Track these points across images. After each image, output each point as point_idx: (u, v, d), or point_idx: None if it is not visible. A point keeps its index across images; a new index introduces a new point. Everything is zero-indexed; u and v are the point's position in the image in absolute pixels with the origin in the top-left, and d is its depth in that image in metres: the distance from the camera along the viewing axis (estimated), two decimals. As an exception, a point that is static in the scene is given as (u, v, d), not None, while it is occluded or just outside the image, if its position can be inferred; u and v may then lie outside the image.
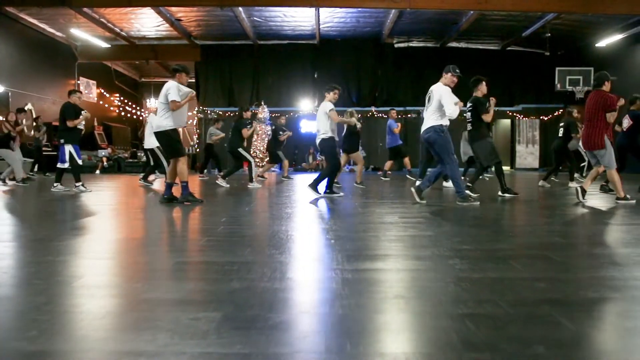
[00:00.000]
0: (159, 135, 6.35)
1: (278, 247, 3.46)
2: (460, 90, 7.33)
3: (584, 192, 6.47)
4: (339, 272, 2.74)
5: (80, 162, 8.53)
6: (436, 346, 1.74)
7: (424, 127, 6.33)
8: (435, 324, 1.95)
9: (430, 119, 6.21)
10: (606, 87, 6.30)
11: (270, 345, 1.72)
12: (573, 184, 9.52)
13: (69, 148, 8.33)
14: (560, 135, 9.88)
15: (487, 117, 7.21)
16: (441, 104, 6.08)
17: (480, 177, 7.96)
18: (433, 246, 3.55)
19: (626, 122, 8.15)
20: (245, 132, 9.97)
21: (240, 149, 9.87)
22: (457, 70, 6.24)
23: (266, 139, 17.46)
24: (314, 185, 7.14)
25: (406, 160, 12.52)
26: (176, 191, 6.56)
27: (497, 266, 2.93)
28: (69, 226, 4.68)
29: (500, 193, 7.29)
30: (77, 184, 8.38)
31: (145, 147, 10.80)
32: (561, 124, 9.96)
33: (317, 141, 7.28)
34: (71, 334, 1.86)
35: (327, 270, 2.82)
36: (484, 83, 7.39)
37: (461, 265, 2.89)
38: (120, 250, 3.59)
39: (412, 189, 6.49)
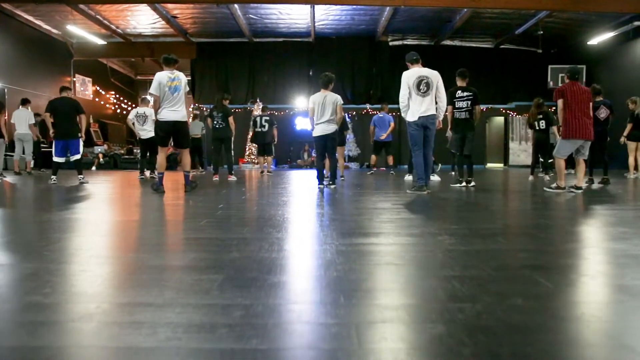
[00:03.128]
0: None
1: (275, 227, 3.60)
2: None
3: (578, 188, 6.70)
4: (333, 245, 2.88)
5: (57, 159, 8.70)
6: (423, 299, 1.88)
7: (428, 112, 6.37)
8: (423, 284, 2.09)
9: (432, 105, 6.39)
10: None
11: (269, 298, 1.86)
12: (547, 177, 9.84)
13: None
14: (543, 127, 10.02)
15: None
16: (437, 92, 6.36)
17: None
18: (424, 226, 3.70)
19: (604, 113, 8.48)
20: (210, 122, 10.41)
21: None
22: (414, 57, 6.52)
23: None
24: (333, 179, 7.48)
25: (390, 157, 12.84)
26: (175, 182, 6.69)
27: (484, 241, 3.08)
28: (73, 211, 4.79)
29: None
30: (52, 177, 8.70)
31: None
32: (540, 116, 10.08)
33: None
34: (84, 291, 2.00)
35: (322, 244, 2.96)
36: (457, 79, 7.74)
37: (450, 241, 3.04)
38: (125, 230, 3.72)
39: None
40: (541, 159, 10.50)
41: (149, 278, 2.17)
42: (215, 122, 10.28)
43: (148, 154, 10.73)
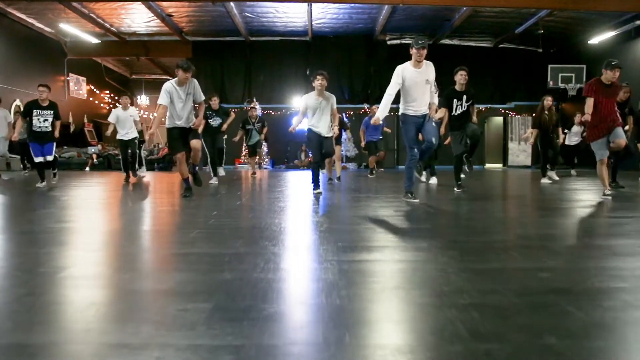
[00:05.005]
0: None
1: (271, 239, 3.34)
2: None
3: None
4: (334, 263, 2.63)
5: (38, 159, 8.22)
6: (442, 337, 1.63)
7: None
8: (438, 315, 1.84)
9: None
10: (603, 74, 6.22)
11: (264, 336, 1.61)
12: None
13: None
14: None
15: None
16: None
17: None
18: (431, 238, 3.45)
19: None
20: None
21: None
22: (420, 42, 5.66)
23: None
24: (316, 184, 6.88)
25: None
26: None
27: (497, 257, 2.84)
28: (56, 219, 4.53)
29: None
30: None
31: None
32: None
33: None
34: (50, 326, 1.74)
35: (322, 261, 2.71)
36: (458, 73, 7.15)
37: (461, 257, 2.79)
38: (108, 242, 3.45)
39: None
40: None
41: (127, 308, 1.91)
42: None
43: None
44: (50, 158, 8.35)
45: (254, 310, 1.85)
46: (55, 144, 8.39)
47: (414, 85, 5.55)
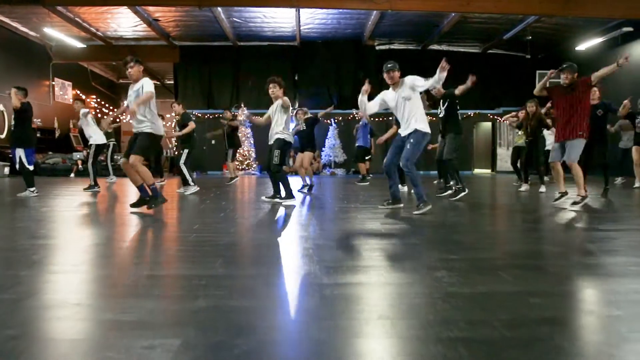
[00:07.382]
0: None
1: (251, 258, 3.21)
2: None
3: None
4: (316, 287, 2.51)
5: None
6: (426, 380, 1.51)
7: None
8: (425, 351, 1.72)
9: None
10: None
11: (234, 381, 1.48)
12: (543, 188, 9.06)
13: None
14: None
15: None
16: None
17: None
18: (418, 256, 3.34)
19: None
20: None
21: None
22: (389, 65, 6.02)
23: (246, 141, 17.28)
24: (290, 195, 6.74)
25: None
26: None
27: (486, 278, 2.72)
28: (30, 234, 4.35)
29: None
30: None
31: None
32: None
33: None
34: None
35: (303, 285, 2.59)
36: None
37: (449, 278, 2.68)
38: (79, 263, 3.24)
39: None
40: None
41: (88, 345, 1.77)
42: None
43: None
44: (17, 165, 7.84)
45: (225, 347, 1.72)
46: (18, 150, 7.77)
47: (394, 106, 5.93)
